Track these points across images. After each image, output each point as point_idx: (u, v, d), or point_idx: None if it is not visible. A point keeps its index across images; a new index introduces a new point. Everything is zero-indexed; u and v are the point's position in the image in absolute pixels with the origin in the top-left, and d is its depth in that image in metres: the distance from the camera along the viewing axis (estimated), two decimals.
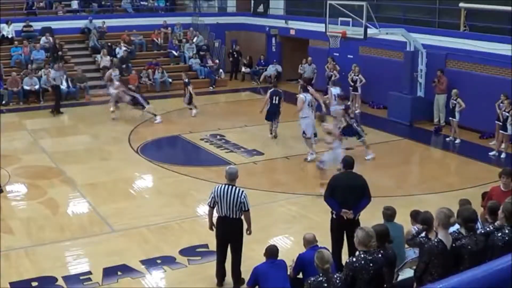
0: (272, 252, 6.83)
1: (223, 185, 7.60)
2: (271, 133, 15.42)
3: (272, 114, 15.21)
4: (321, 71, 20.38)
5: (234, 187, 7.56)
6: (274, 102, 15.11)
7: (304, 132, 13.50)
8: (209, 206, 7.68)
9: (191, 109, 18.18)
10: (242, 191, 7.58)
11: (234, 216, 7.59)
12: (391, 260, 5.98)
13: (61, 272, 8.24)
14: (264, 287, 6.63)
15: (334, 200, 7.79)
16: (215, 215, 7.75)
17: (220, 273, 7.86)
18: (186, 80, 18.13)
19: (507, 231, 5.71)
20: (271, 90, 15.28)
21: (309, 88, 14.61)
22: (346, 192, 7.73)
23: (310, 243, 6.85)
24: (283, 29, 23.94)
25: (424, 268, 5.50)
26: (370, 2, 16.30)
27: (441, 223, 5.49)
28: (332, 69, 19.53)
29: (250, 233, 7.81)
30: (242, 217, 7.67)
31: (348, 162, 7.96)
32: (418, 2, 18.50)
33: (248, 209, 7.63)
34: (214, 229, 7.83)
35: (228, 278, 7.86)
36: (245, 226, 7.77)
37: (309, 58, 20.80)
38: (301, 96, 13.72)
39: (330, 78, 19.47)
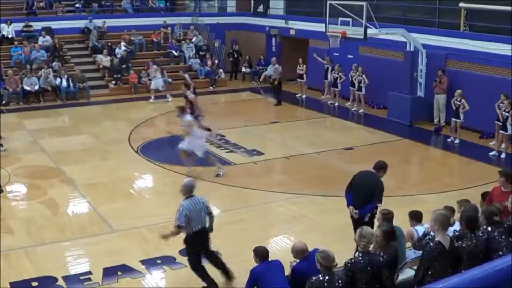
0: (263, 254, 6.68)
1: (188, 201, 7.49)
2: None
3: None
4: (320, 71, 20.37)
5: (196, 197, 7.57)
6: None
7: None
8: (181, 226, 7.46)
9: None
10: (202, 197, 7.66)
11: (205, 224, 7.65)
12: (392, 260, 5.97)
13: (61, 272, 8.23)
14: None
15: (350, 196, 7.97)
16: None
17: (221, 268, 7.85)
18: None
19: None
20: None
21: (188, 93, 14.66)
22: (359, 190, 7.89)
23: (303, 253, 6.53)
24: (283, 29, 23.94)
25: (424, 271, 5.50)
26: (370, 2, 16.30)
27: (441, 224, 5.49)
28: (337, 71, 19.49)
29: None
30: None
31: (378, 164, 8.05)
32: (418, 2, 18.50)
33: (211, 213, 7.77)
34: (189, 246, 7.69)
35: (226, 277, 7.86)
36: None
37: (273, 59, 21.07)
38: None
39: (336, 80, 19.51)
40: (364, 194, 7.83)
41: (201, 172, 12.30)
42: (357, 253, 5.63)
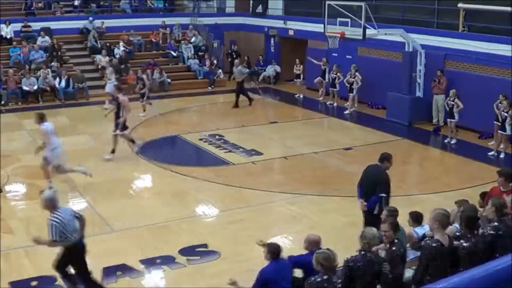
0: (276, 251, 6.51)
1: (56, 214, 6.95)
2: None
3: None
4: (318, 71, 20.39)
5: (62, 208, 7.18)
6: None
7: None
8: (56, 241, 6.94)
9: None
10: (66, 207, 7.53)
11: (78, 235, 7.22)
12: (404, 253, 6.02)
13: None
14: None
15: (360, 189, 8.32)
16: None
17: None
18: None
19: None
20: None
21: (120, 96, 13.70)
22: (365, 183, 8.25)
23: (317, 245, 6.55)
24: (281, 30, 23.96)
25: (424, 270, 5.52)
26: (368, 2, 16.34)
27: (441, 224, 5.50)
28: (335, 72, 19.47)
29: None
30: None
31: (381, 156, 8.34)
32: (416, 2, 18.53)
33: (82, 215, 7.40)
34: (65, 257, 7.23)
35: None
36: None
37: (236, 61, 21.34)
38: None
39: (334, 80, 19.50)
40: (369, 186, 8.12)
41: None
42: (357, 251, 5.64)
